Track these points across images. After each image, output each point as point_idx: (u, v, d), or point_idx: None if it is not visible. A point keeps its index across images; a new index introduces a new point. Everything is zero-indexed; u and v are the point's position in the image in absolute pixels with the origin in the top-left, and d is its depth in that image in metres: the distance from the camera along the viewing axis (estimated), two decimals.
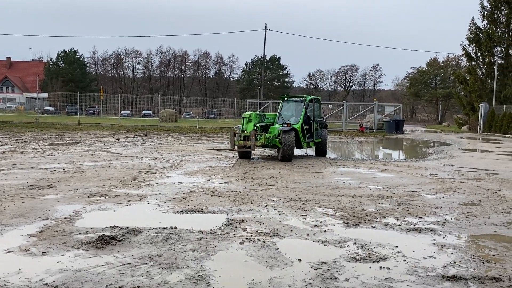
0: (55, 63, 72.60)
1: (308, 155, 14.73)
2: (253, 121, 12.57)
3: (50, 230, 4.96)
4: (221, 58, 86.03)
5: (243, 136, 12.39)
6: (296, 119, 13.09)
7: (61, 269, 3.79)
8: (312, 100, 13.79)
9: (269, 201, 6.84)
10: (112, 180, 8.38)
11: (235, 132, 12.63)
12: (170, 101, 54.67)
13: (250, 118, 12.67)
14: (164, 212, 6.03)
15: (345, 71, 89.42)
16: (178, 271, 3.83)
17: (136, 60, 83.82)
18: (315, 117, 13.69)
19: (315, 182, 8.83)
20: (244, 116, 12.91)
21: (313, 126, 13.53)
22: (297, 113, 13.28)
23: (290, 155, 12.19)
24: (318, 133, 13.78)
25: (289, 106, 13.96)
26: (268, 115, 13.73)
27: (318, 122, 13.90)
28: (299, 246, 4.63)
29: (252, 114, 12.86)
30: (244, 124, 12.69)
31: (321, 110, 14.61)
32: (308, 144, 13.44)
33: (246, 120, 12.72)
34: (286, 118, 13.34)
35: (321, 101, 14.66)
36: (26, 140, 17.33)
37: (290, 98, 14.36)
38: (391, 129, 30.50)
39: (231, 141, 12.59)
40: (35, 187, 7.46)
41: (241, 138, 12.41)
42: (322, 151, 14.07)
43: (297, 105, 13.66)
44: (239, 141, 12.36)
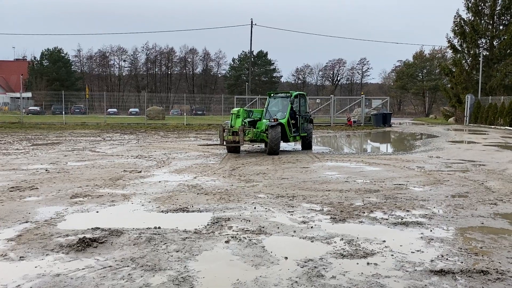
0: (39, 62, 71.50)
1: (296, 150, 14.67)
2: (241, 116, 12.83)
3: (29, 233, 4.81)
4: (208, 54, 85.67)
5: (232, 131, 12.71)
6: (282, 114, 13.47)
7: (39, 274, 3.66)
8: (298, 95, 14.14)
9: (256, 198, 6.75)
10: (96, 180, 8.21)
11: (224, 128, 13.02)
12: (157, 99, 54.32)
13: (238, 114, 12.91)
14: (148, 212, 5.91)
15: (332, 65, 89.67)
16: (161, 272, 3.72)
17: (122, 57, 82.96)
18: (301, 112, 14.10)
19: (302, 177, 8.76)
20: (233, 112, 13.16)
21: (299, 121, 13.93)
22: (284, 109, 13.68)
23: (276, 149, 12.64)
24: (304, 127, 14.16)
25: (275, 101, 14.32)
26: (255, 111, 13.97)
27: (304, 116, 14.28)
28: (286, 244, 4.56)
29: (240, 110, 13.10)
30: (233, 120, 12.93)
31: (306, 105, 14.95)
32: (294, 138, 13.83)
33: (234, 116, 12.96)
34: (273, 113, 13.69)
35: (306, 96, 14.99)
36: (9, 140, 17.00)
37: (276, 94, 14.71)
38: (379, 123, 30.63)
39: (220, 136, 13.07)
40: (16, 189, 7.27)
41: (230, 133, 12.74)
42: (308, 145, 14.48)
43: (283, 100, 14.04)
44: (228, 137, 12.74)
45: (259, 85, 76.81)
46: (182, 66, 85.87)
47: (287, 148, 15.06)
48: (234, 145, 12.79)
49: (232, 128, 12.77)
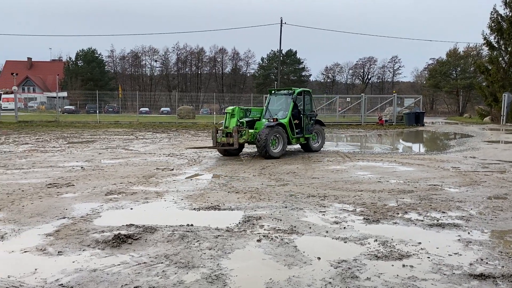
0: (74, 62, 73.66)
1: (326, 150, 14.53)
2: (237, 116, 11.80)
3: (66, 229, 4.94)
4: (238, 53, 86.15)
5: (225, 132, 11.66)
6: (284, 113, 12.33)
7: (76, 269, 3.76)
8: (302, 92, 12.85)
9: (287, 197, 6.72)
10: (129, 178, 8.38)
11: (217, 129, 12.00)
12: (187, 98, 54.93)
13: (233, 113, 11.84)
14: (180, 209, 5.98)
15: (363, 64, 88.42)
16: (194, 270, 3.75)
17: (153, 57, 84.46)
18: (305, 111, 12.81)
19: (333, 177, 8.66)
20: (227, 111, 12.01)
21: (303, 121, 12.70)
22: (286, 107, 12.48)
23: (265, 152, 11.27)
24: (309, 128, 12.95)
25: (277, 99, 13.09)
26: (254, 110, 12.71)
27: (309, 116, 13.00)
28: (318, 244, 4.51)
29: (236, 108, 11.97)
30: (227, 119, 11.88)
31: (312, 103, 13.55)
32: (297, 139, 12.67)
33: (229, 116, 11.89)
34: (273, 112, 12.55)
35: (312, 94, 13.54)
36: (46, 139, 17.57)
37: (278, 91, 13.38)
38: (411, 122, 29.97)
39: (213, 138, 11.90)
40: (53, 185, 7.50)
41: (224, 134, 11.71)
42: (311, 148, 13.26)
43: (285, 98, 12.78)
44: (221, 138, 11.71)
45: (288, 84, 76.52)
46: (211, 65, 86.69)
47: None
48: (227, 148, 11.63)
49: (226, 129, 11.68)
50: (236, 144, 11.37)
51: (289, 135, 12.11)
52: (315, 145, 13.48)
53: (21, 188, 7.23)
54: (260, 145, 11.22)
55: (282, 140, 11.69)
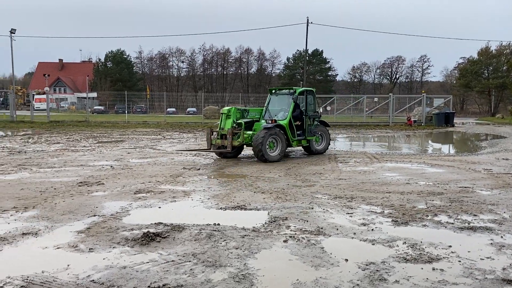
0: (103, 63, 75.27)
1: (352, 151, 14.37)
2: (232, 117, 11.20)
3: (97, 226, 5.07)
4: (263, 54, 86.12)
5: (220, 134, 11.14)
6: (284, 114, 11.62)
7: (107, 266, 3.85)
8: (304, 92, 12.13)
9: (313, 198, 6.68)
10: (157, 177, 8.51)
11: (212, 130, 11.44)
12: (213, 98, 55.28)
13: (228, 114, 11.24)
14: (207, 209, 6.03)
15: (391, 63, 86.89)
16: (222, 269, 3.78)
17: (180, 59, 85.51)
18: (308, 112, 12.05)
19: (361, 178, 8.56)
20: (222, 112, 11.41)
21: (306, 122, 11.96)
22: (286, 108, 11.76)
23: (261, 155, 10.57)
24: (311, 130, 12.17)
25: (277, 99, 12.33)
26: (252, 110, 12.06)
27: (312, 117, 12.23)
28: (346, 245, 4.47)
29: (232, 109, 11.35)
30: (222, 120, 11.30)
31: (315, 103, 12.68)
32: (299, 142, 11.92)
33: (224, 116, 11.30)
34: (273, 113, 11.87)
35: (315, 93, 12.72)
36: (76, 138, 18.03)
37: (278, 91, 12.61)
38: (441, 122, 29.30)
39: (208, 140, 11.38)
40: (84, 184, 7.70)
41: (218, 136, 11.19)
42: (314, 151, 12.47)
43: (286, 98, 12.04)
44: (216, 140, 11.23)
45: (314, 84, 75.97)
46: (237, 66, 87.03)
47: (341, 148, 14.75)
48: (222, 150, 11.14)
49: (221, 130, 11.14)
50: (230, 147, 10.78)
51: (289, 137, 11.38)
52: (319, 147, 12.68)
53: (53, 186, 7.45)
54: (256, 148, 10.55)
55: (280, 142, 10.95)
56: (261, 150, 10.48)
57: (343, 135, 22.06)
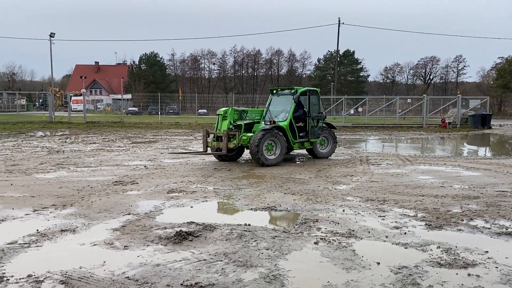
0: (137, 66, 76.99)
1: (384, 152, 14.14)
2: (229, 118, 10.79)
3: (132, 224, 5.21)
4: (294, 55, 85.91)
5: (216, 136, 10.80)
6: (285, 115, 11.14)
7: (141, 263, 3.95)
8: (307, 92, 11.50)
9: (344, 200, 6.63)
10: (189, 177, 8.65)
11: (208, 132, 11.08)
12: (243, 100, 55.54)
13: (225, 115, 10.83)
14: (238, 209, 6.09)
15: (424, 64, 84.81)
16: (253, 269, 3.82)
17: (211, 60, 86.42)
18: (311, 113, 11.42)
19: (393, 181, 8.43)
20: (219, 113, 11.02)
21: (309, 124, 11.36)
22: (288, 108, 11.27)
23: (257, 158, 10.13)
24: (315, 132, 11.52)
25: (279, 100, 11.80)
26: (252, 111, 11.61)
27: (316, 118, 11.59)
28: (377, 249, 4.42)
29: (228, 110, 10.91)
30: (219, 122, 10.92)
31: (320, 104, 12.04)
32: (301, 144, 11.37)
33: (220, 118, 10.91)
34: (274, 114, 11.39)
35: (319, 93, 12.09)
36: (112, 138, 18.52)
37: (281, 91, 12.06)
38: (477, 124, 28.40)
39: (204, 142, 11.01)
40: (119, 183, 7.92)
41: (215, 138, 10.85)
42: (318, 153, 11.96)
43: (287, 98, 11.50)
44: (212, 143, 10.87)
45: (345, 85, 75.31)
46: (267, 67, 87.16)
47: (373, 151, 14.50)
48: (217, 153, 10.80)
49: (217, 132, 10.79)
50: (225, 149, 10.44)
51: (290, 140, 10.90)
52: (323, 150, 12.13)
53: (90, 185, 7.70)
54: (252, 151, 10.13)
55: (279, 145, 10.46)
56: (257, 152, 10.06)
57: (375, 137, 21.74)
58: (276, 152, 10.49)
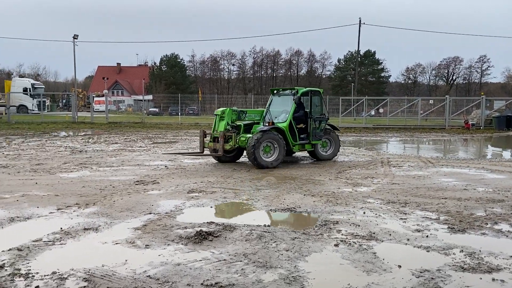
0: (158, 67, 77.91)
1: (405, 154, 13.94)
2: (226, 119, 10.53)
3: (153, 224, 5.27)
4: (313, 55, 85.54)
5: (213, 137, 10.60)
6: (285, 116, 10.78)
7: (162, 262, 4.00)
8: (309, 93, 11.16)
9: (365, 202, 6.57)
10: (209, 177, 8.70)
11: (205, 133, 10.93)
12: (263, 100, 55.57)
13: (222, 115, 10.60)
14: (257, 210, 6.10)
15: (447, 64, 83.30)
16: (272, 270, 3.82)
17: (231, 62, 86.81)
18: (313, 114, 11.10)
19: (415, 183, 8.31)
20: (216, 114, 10.82)
21: (310, 125, 11.02)
22: (289, 109, 10.89)
23: (253, 159, 9.87)
24: (316, 134, 11.17)
25: (279, 100, 11.45)
26: (251, 112, 11.35)
27: (318, 120, 11.24)
28: (399, 251, 4.37)
29: (226, 110, 10.65)
30: (216, 122, 10.71)
31: (322, 105, 11.67)
32: (302, 146, 11.03)
33: (218, 118, 10.70)
34: (275, 114, 11.03)
35: (322, 94, 11.72)
36: (133, 139, 18.78)
37: (282, 91, 11.71)
38: (502, 126, 27.74)
39: (200, 143, 10.85)
40: (140, 183, 8.02)
41: (211, 139, 10.64)
42: (320, 156, 11.63)
43: (288, 99, 11.12)
44: (208, 144, 10.68)
45: (366, 85, 74.58)
46: (287, 68, 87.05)
47: (395, 152, 14.32)
48: (213, 154, 10.65)
49: (214, 133, 10.60)
50: (221, 151, 10.23)
51: (289, 141, 10.57)
52: (325, 153, 11.77)
53: (112, 184, 7.83)
54: (248, 152, 9.89)
55: (278, 147, 10.12)
56: (253, 154, 9.77)
57: (396, 138, 21.46)
58: (274, 154, 10.17)
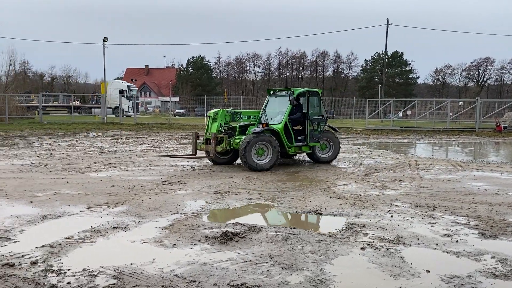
0: (185, 69, 78.88)
1: (434, 157, 13.65)
2: (219, 120, 10.38)
3: (179, 223, 5.34)
4: (340, 56, 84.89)
5: (205, 138, 10.52)
6: (281, 117, 10.50)
7: (189, 262, 4.05)
8: (306, 93, 10.91)
9: (392, 206, 6.48)
10: (234, 178, 8.75)
11: (198, 135, 10.82)
12: None
13: (215, 117, 10.46)
14: (283, 211, 6.10)
15: (478, 65, 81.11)
16: (298, 272, 3.81)
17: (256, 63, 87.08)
18: (310, 115, 10.84)
19: (444, 187, 8.13)
20: (209, 115, 10.75)
21: (308, 126, 10.74)
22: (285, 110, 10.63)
23: (244, 161, 9.67)
24: (314, 135, 10.85)
25: (276, 101, 11.23)
26: (246, 113, 11.20)
27: (316, 121, 11.01)
28: (427, 256, 4.29)
29: (219, 111, 10.52)
30: (209, 124, 10.60)
31: (321, 106, 11.35)
32: (299, 148, 10.75)
33: (210, 120, 10.57)
34: (271, 116, 10.86)
35: (320, 95, 11.44)
36: (160, 139, 19.05)
37: (277, 92, 11.48)
38: None
39: (193, 145, 10.71)
40: (167, 182, 8.15)
41: (204, 141, 10.56)
42: (319, 159, 11.36)
43: (285, 100, 10.81)
44: (201, 145, 10.56)
45: (393, 87, 73.43)
46: (312, 69, 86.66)
47: (423, 155, 14.05)
48: (205, 156, 10.64)
49: (206, 134, 10.50)
50: (213, 153, 10.11)
51: (285, 143, 10.30)
52: (324, 155, 11.45)
53: (140, 184, 7.97)
54: (240, 155, 9.70)
55: (271, 149, 9.84)
56: (244, 156, 9.58)
57: (424, 141, 21.05)
58: (268, 156, 9.91)
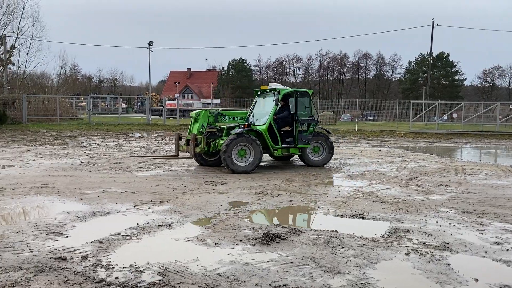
0: (226, 71, 79.90)
1: (482, 162, 13.11)
2: (201, 121, 10.20)
3: (222, 223, 5.43)
4: (382, 58, 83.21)
5: (186, 139, 10.43)
6: (267, 118, 10.20)
7: (231, 261, 4.11)
8: (294, 94, 10.50)
9: (438, 211, 6.29)
10: (275, 180, 8.78)
11: (180, 136, 10.72)
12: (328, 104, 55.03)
13: (197, 118, 10.32)
14: (324, 215, 6.07)
15: None
16: (340, 276, 3.79)
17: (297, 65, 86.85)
18: (298, 116, 10.41)
19: (493, 193, 7.81)
20: (191, 116, 10.65)
21: (296, 128, 10.37)
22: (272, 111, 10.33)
23: (226, 164, 9.47)
24: (303, 137, 10.48)
25: (264, 102, 10.96)
26: (232, 114, 10.93)
27: (306, 122, 10.62)
28: (475, 264, 4.15)
29: (201, 112, 10.40)
30: (191, 125, 10.47)
31: (311, 107, 10.98)
32: (286, 150, 10.44)
33: (192, 120, 10.46)
34: (257, 116, 10.67)
35: (311, 95, 11.10)
36: None
37: (264, 92, 11.11)
38: None
39: (176, 146, 10.70)
40: (209, 183, 8.29)
41: (185, 142, 10.47)
42: (310, 161, 10.99)
43: (271, 100, 10.49)
44: (182, 146, 10.46)
45: (438, 89, 71.14)
46: (354, 71, 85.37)
47: (470, 160, 13.51)
48: (185, 157, 10.62)
49: (187, 135, 10.40)
50: (192, 154, 9.99)
51: (269, 145, 10.00)
52: (315, 158, 11.11)
53: (183, 183, 8.16)
54: (221, 156, 9.48)
55: (253, 151, 9.59)
56: (225, 158, 9.39)
57: (471, 145, 20.26)
58: (249, 158, 9.66)
